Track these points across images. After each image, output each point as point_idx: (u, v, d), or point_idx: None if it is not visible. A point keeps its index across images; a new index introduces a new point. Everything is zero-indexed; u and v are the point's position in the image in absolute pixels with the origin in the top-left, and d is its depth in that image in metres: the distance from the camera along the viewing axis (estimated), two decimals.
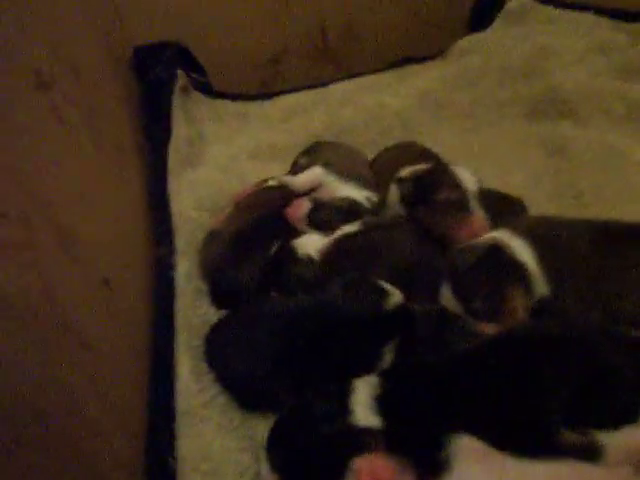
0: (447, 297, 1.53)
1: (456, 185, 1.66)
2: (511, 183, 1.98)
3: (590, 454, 1.12)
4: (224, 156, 2.34)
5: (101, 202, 1.53)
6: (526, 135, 2.28)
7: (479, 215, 1.63)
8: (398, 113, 2.39)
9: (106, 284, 1.31)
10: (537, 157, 2.17)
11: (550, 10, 2.66)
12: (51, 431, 0.95)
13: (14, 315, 0.95)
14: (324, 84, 2.65)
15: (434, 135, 2.28)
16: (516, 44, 2.47)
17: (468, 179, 1.67)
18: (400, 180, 1.79)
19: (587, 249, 1.52)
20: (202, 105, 2.59)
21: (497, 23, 2.71)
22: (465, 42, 2.66)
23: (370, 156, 2.18)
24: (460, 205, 1.65)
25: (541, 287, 1.49)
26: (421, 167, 1.76)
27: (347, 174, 1.95)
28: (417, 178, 1.75)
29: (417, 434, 1.20)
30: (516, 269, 1.50)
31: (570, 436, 1.13)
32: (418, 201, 1.74)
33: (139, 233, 1.76)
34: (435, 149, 2.05)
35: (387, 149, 2.16)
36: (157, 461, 1.25)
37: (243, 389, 1.51)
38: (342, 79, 2.66)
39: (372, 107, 2.43)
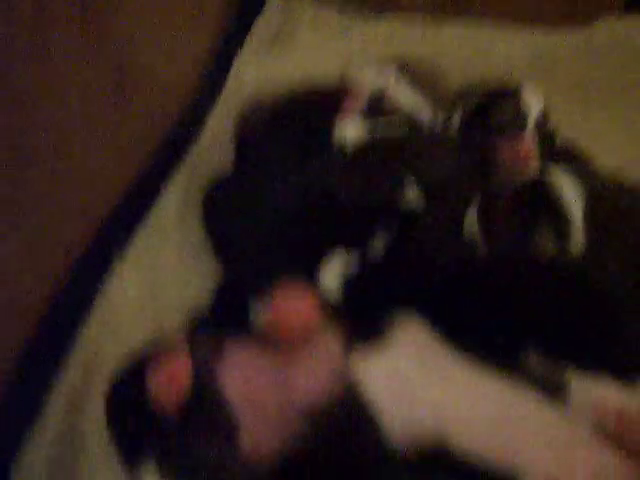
0: (470, 222, 1.39)
1: (518, 104, 1.54)
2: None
3: (553, 391, 1.01)
4: (310, 58, 2.27)
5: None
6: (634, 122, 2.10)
7: (530, 139, 1.50)
8: (508, 61, 2.23)
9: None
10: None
11: None
12: None
13: None
14: (439, 19, 2.48)
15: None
16: None
17: (533, 102, 1.55)
18: (463, 97, 1.70)
19: None
20: (305, 6, 2.52)
21: None
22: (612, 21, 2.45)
23: None
24: (516, 126, 1.53)
25: (577, 244, 1.31)
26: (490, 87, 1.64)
27: (420, 86, 1.85)
28: (480, 98, 1.64)
29: (369, 307, 1.10)
30: (555, 212, 1.34)
31: (538, 365, 0.99)
32: (475, 120, 1.62)
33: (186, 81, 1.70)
34: None
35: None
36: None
37: (226, 243, 1.45)
38: (460, 15, 2.47)
39: (482, 51, 2.29)
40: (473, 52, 2.34)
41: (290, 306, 0.97)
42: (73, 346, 1.19)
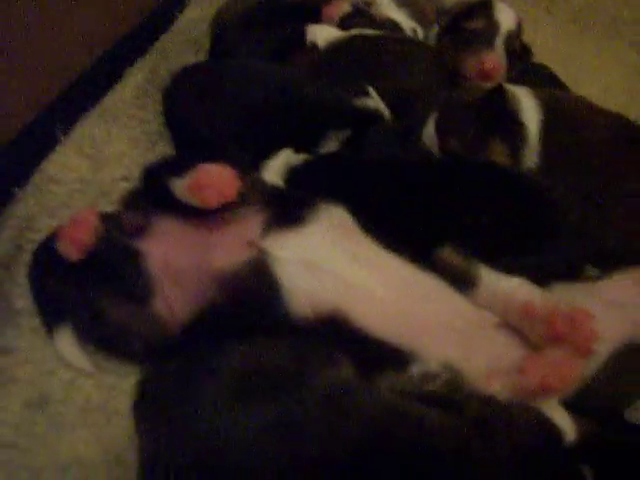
0: (428, 129, 1.41)
1: (489, 19, 1.53)
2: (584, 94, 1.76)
3: (461, 280, 1.04)
4: None
5: None
6: (622, 59, 2.13)
7: (497, 53, 1.49)
8: None
9: None
10: (623, 83, 2.01)
11: None
12: None
13: None
14: None
15: (529, 27, 2.07)
16: None
17: (506, 18, 1.53)
18: (441, 12, 1.68)
19: (603, 145, 1.35)
20: None
21: None
22: None
23: None
24: (484, 39, 1.52)
25: (531, 157, 1.34)
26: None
27: (406, 1, 1.86)
28: (457, 11, 1.62)
29: (298, 194, 1.13)
30: (512, 125, 1.35)
31: (451, 256, 1.02)
32: (448, 33, 1.62)
33: None
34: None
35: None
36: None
37: (186, 126, 1.45)
38: None
39: None
40: None
41: (208, 172, 0.99)
42: (6, 216, 1.22)
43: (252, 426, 0.80)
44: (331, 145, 1.36)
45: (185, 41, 1.70)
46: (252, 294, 0.97)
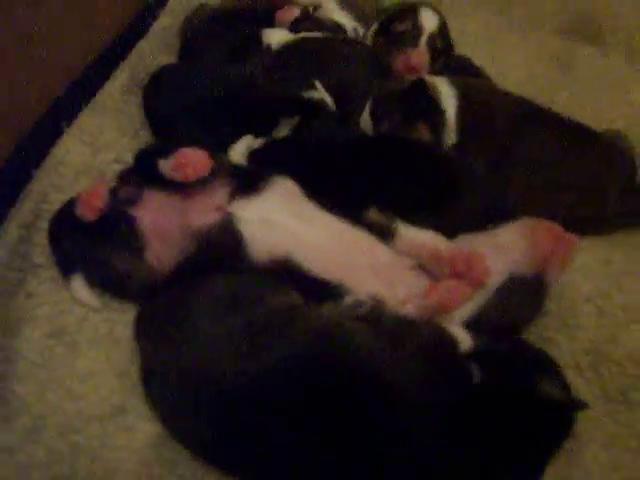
0: (364, 115, 1.74)
1: (415, 22, 1.85)
2: (506, 80, 2.08)
3: (384, 233, 1.36)
4: None
5: None
6: (545, 46, 2.41)
7: (421, 51, 1.82)
8: None
9: None
10: (543, 68, 2.30)
11: None
12: None
13: None
14: None
15: (461, 19, 2.40)
16: None
17: (428, 19, 1.86)
18: (380, 11, 2.01)
19: (506, 120, 1.69)
20: None
21: None
22: None
23: None
24: (410, 39, 1.85)
25: (450, 137, 1.67)
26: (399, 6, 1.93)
27: (347, 4, 2.16)
28: (388, 15, 1.94)
29: (256, 169, 1.46)
30: (433, 110, 1.67)
31: (375, 215, 1.37)
32: (381, 33, 1.96)
33: None
34: (455, 33, 2.13)
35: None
36: None
37: (162, 118, 1.76)
38: None
39: None
40: None
41: (187, 154, 1.33)
42: (26, 191, 1.53)
43: (224, 334, 1.14)
44: (284, 131, 1.66)
45: (159, 45, 1.99)
46: (222, 246, 1.29)
